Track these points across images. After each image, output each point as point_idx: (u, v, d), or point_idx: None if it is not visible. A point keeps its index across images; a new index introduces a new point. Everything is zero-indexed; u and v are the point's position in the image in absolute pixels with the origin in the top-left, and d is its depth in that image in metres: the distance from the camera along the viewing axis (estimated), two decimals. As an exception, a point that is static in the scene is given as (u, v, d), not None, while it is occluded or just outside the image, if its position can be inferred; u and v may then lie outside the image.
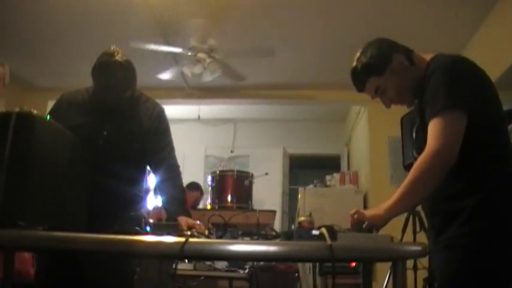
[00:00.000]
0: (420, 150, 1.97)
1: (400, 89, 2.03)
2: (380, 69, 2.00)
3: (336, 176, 7.04)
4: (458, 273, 1.81)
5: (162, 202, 2.62)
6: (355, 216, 1.86)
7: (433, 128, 1.81)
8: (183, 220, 2.32)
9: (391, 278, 1.62)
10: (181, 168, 2.71)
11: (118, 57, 2.40)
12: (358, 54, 2.06)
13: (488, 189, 1.83)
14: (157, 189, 2.68)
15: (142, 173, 2.71)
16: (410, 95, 2.05)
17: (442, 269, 1.89)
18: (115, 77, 2.39)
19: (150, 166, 2.70)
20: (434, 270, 1.97)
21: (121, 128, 2.55)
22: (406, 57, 2.02)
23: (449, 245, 1.83)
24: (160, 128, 2.66)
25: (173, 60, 5.56)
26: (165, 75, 5.42)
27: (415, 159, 2.08)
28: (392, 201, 1.82)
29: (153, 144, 2.62)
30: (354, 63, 2.06)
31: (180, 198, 2.60)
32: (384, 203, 1.90)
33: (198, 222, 2.32)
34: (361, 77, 2.04)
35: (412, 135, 2.14)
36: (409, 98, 2.07)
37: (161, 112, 2.70)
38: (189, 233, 2.04)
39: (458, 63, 1.93)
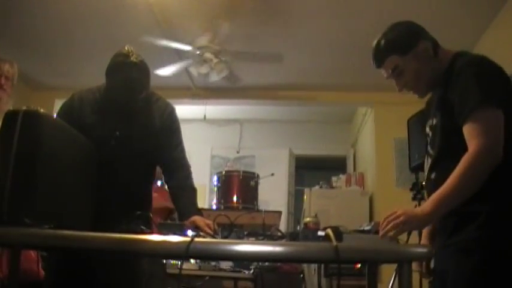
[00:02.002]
0: (437, 147, 1.95)
1: (418, 75, 2.00)
2: (404, 48, 1.97)
3: (342, 177, 7.03)
4: (473, 277, 1.75)
5: (174, 203, 2.61)
6: (402, 218, 1.75)
7: (476, 124, 1.77)
8: (200, 220, 2.32)
9: (396, 280, 1.61)
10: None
11: (133, 58, 2.40)
12: (386, 29, 2.03)
13: (509, 191, 1.79)
14: (168, 189, 2.68)
15: (151, 173, 2.72)
16: (426, 85, 2.03)
17: (455, 272, 1.82)
18: (130, 78, 2.40)
19: (160, 166, 2.70)
20: (440, 272, 1.92)
21: (133, 128, 2.55)
22: (432, 46, 2.00)
23: (464, 248, 1.77)
24: (172, 127, 2.66)
25: (179, 60, 5.56)
26: (168, 70, 5.39)
27: (429, 154, 2.04)
28: (439, 202, 1.75)
29: (165, 144, 2.62)
30: (379, 37, 2.02)
31: (192, 198, 2.59)
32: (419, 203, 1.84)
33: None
34: (382, 52, 2.01)
35: (425, 131, 2.09)
36: (424, 88, 2.04)
37: (172, 112, 2.70)
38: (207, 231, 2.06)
39: (490, 62, 1.91)
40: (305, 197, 6.57)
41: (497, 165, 1.75)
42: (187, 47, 5.00)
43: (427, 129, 2.08)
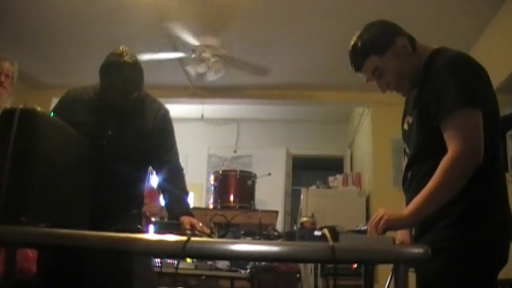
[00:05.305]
0: (413, 146, 1.93)
1: (399, 73, 1.94)
2: (382, 48, 1.92)
3: (339, 177, 7.03)
4: (443, 276, 1.76)
5: (165, 203, 2.61)
6: (382, 222, 1.75)
7: (456, 125, 1.73)
8: (186, 219, 2.32)
9: (392, 280, 1.61)
10: (184, 167, 2.71)
11: (127, 58, 2.40)
12: (359, 32, 1.98)
13: (481, 192, 1.78)
14: (161, 191, 2.68)
15: (144, 173, 2.71)
16: (408, 82, 1.97)
17: (425, 272, 1.83)
18: (123, 78, 2.39)
19: (153, 167, 2.69)
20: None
21: (126, 128, 2.55)
22: (409, 42, 1.95)
23: (435, 247, 1.70)
24: (165, 130, 2.66)
25: (177, 59, 5.56)
26: (159, 56, 5.37)
27: (405, 153, 2.02)
28: (419, 205, 1.73)
29: (158, 146, 2.62)
30: (354, 40, 1.97)
31: (183, 199, 2.59)
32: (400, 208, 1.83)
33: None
34: (360, 54, 1.95)
35: (403, 128, 2.06)
36: (407, 85, 1.99)
37: (166, 114, 2.69)
38: (196, 231, 2.05)
39: (469, 60, 1.87)
40: (302, 196, 6.57)
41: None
42: (191, 39, 4.96)
43: (405, 126, 2.05)
